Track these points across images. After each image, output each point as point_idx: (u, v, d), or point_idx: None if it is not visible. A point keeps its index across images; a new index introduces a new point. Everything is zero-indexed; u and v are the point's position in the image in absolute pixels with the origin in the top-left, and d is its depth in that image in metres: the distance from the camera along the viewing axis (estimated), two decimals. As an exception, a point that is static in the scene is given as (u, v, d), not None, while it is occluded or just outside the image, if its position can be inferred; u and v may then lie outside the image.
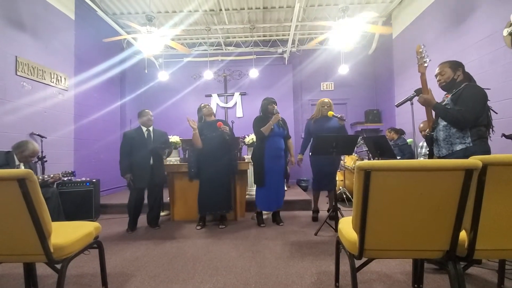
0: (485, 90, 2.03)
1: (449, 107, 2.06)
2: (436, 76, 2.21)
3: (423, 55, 2.23)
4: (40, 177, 3.09)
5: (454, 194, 1.19)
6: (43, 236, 1.35)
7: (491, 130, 2.07)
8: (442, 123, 2.12)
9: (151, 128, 3.51)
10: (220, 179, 3.41)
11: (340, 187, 4.81)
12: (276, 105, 3.48)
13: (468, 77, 2.14)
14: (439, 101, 2.17)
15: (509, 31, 3.00)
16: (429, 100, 2.13)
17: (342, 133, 3.52)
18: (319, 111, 3.67)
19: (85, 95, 5.09)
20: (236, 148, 3.46)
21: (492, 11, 3.31)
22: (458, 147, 1.99)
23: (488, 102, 2.03)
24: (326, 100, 3.69)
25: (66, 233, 1.54)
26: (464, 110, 1.94)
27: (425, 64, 2.22)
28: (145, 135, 3.45)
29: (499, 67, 3.22)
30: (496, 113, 2.13)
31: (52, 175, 3.16)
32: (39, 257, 1.40)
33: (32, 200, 1.30)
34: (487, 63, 3.38)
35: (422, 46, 2.26)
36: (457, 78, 2.13)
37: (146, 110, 3.53)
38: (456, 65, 2.15)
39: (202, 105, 3.64)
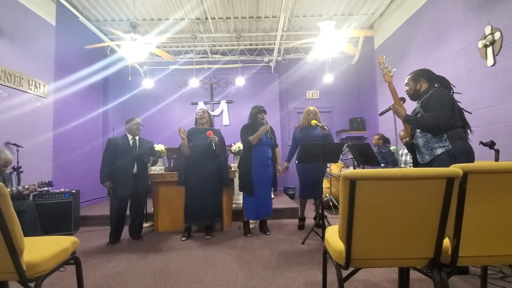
0: (455, 94, 2.11)
1: (420, 114, 2.14)
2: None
3: (386, 65, 2.32)
4: (14, 188, 2.93)
5: (437, 202, 1.21)
6: (14, 253, 1.26)
7: (469, 130, 2.14)
8: (418, 129, 2.19)
9: (137, 137, 3.44)
10: (208, 188, 3.34)
11: (327, 194, 4.84)
12: (266, 114, 3.49)
13: (439, 80, 2.22)
14: (414, 108, 2.25)
15: (484, 43, 3.16)
16: (398, 112, 2.20)
17: (327, 141, 3.53)
18: (305, 119, 3.70)
19: (65, 103, 4.93)
20: (225, 157, 3.45)
21: (468, 24, 3.47)
22: (439, 151, 2.04)
23: (460, 104, 2.11)
24: (311, 108, 3.73)
25: (40, 249, 1.45)
26: (434, 115, 2.01)
27: (391, 74, 2.30)
28: (131, 143, 3.37)
29: (474, 78, 3.36)
30: (470, 113, 2.21)
31: (27, 186, 3.01)
32: (10, 275, 1.31)
33: (2, 215, 1.22)
34: (463, 74, 3.53)
35: (384, 57, 2.36)
36: (420, 88, 2.23)
37: (136, 118, 3.47)
38: (417, 76, 2.26)
39: (199, 110, 3.61)
